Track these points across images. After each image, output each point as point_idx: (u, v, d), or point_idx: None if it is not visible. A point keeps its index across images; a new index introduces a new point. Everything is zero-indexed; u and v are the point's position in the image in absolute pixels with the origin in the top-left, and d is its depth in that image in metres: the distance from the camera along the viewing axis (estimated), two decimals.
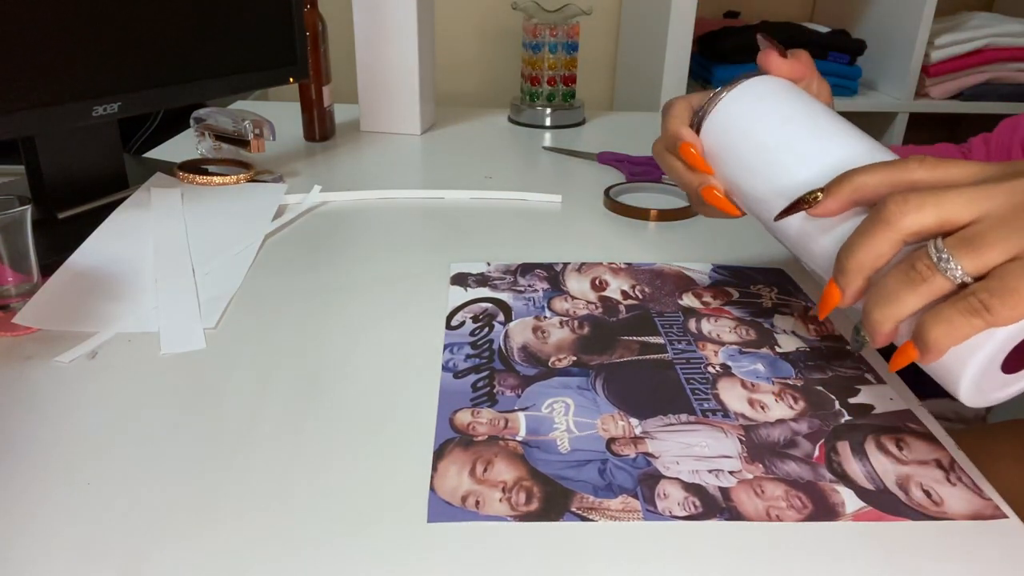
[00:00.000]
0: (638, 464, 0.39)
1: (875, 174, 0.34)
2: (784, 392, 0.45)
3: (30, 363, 0.47)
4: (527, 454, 0.39)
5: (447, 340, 0.49)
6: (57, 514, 0.34)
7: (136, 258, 0.60)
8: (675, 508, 0.36)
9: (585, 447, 0.40)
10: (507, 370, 0.46)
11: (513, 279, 0.58)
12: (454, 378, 0.45)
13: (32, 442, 0.39)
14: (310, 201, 0.75)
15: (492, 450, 0.39)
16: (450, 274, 0.59)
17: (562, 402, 0.43)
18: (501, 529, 0.34)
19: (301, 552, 0.33)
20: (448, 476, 0.37)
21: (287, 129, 1.02)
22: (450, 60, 1.63)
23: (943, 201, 0.31)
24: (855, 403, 0.44)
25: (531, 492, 0.36)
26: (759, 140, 0.45)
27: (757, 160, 0.45)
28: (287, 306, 0.54)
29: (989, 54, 1.40)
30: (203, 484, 0.37)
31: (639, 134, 1.08)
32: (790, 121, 0.45)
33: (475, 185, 0.82)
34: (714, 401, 0.44)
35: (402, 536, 0.34)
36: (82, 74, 0.63)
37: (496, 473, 0.37)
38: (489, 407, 0.43)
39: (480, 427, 0.41)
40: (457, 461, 0.38)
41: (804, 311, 0.55)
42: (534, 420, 0.42)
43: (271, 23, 0.81)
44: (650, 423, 0.42)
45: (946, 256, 0.31)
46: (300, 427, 0.41)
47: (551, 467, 0.38)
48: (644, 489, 0.37)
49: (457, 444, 0.39)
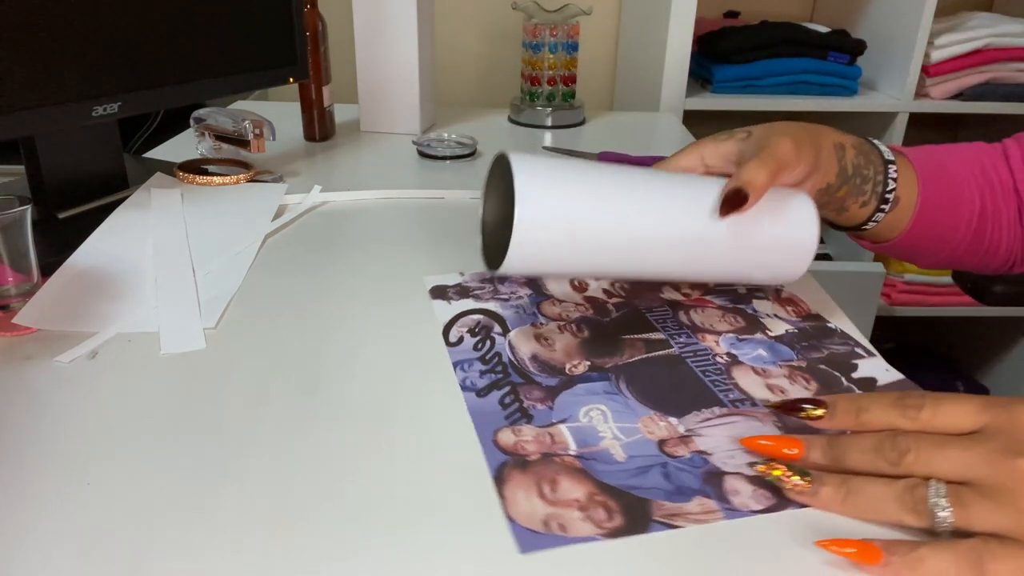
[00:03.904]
0: (695, 463, 0.38)
1: (881, 414, 0.36)
2: (794, 375, 0.46)
3: (30, 363, 0.47)
4: (587, 468, 0.38)
5: (453, 358, 0.47)
6: (57, 514, 0.34)
7: (136, 258, 0.60)
8: (750, 503, 0.36)
9: (639, 453, 0.39)
10: (527, 382, 0.45)
11: (493, 287, 0.57)
12: (477, 397, 0.43)
13: (32, 442, 0.39)
14: (310, 201, 0.75)
15: (551, 468, 0.37)
16: (427, 288, 0.57)
17: (597, 409, 0.42)
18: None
19: (305, 553, 0.33)
20: (519, 502, 0.35)
21: (287, 129, 1.02)
22: (450, 60, 1.63)
23: (934, 464, 0.33)
24: (859, 378, 0.46)
25: (608, 507, 0.35)
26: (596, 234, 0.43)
27: (613, 245, 0.43)
28: (287, 306, 0.54)
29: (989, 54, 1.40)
30: (203, 484, 0.37)
31: (639, 134, 1.08)
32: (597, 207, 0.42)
33: (475, 185, 0.82)
34: (737, 391, 0.44)
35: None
36: (82, 74, 0.63)
37: (565, 492, 0.36)
38: (527, 423, 0.41)
39: (528, 445, 0.39)
40: (521, 485, 0.36)
41: (777, 294, 0.56)
42: (579, 432, 0.40)
43: (271, 23, 0.81)
44: (689, 420, 0.42)
45: (944, 504, 0.32)
46: (300, 427, 0.41)
47: (616, 478, 0.37)
48: (712, 487, 0.37)
49: (513, 466, 0.37)
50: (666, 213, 0.44)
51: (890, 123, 1.42)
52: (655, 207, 0.44)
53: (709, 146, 0.51)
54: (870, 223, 0.54)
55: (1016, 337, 1.67)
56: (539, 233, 0.41)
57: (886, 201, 0.53)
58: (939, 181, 0.55)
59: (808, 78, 1.40)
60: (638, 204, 0.43)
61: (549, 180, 0.41)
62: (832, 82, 1.41)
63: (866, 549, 0.31)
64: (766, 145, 0.47)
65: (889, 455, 0.34)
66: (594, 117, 1.17)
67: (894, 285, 1.57)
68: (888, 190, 0.53)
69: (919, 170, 0.54)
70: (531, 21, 1.07)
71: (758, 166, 0.45)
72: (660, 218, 0.44)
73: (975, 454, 0.32)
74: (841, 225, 0.56)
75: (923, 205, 0.54)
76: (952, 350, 1.84)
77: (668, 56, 1.31)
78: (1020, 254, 0.58)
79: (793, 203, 0.48)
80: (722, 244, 0.45)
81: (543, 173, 0.41)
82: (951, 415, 0.34)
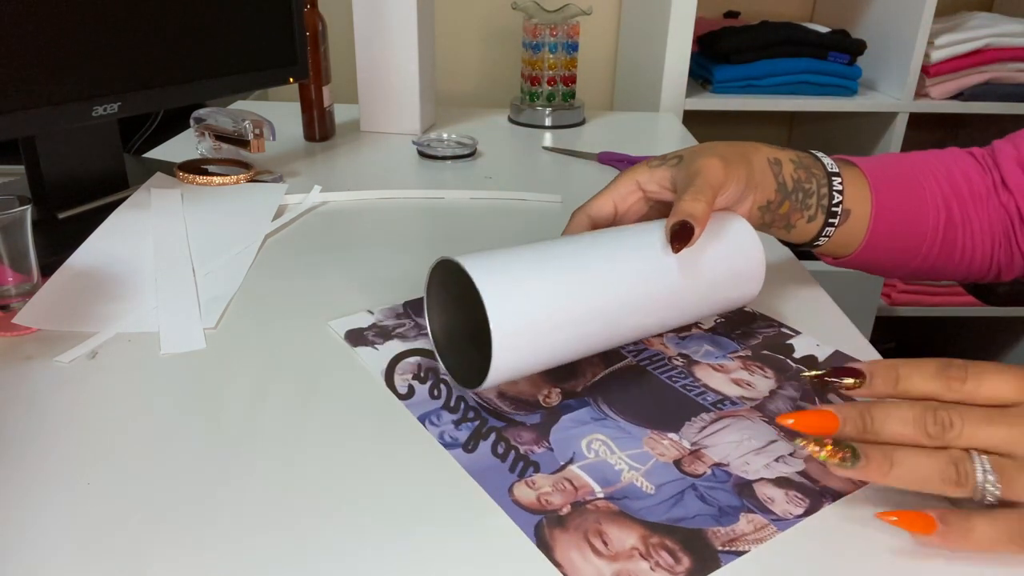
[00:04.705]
0: (720, 479, 0.38)
1: (922, 382, 0.35)
2: (749, 365, 0.48)
3: (30, 363, 0.47)
4: (624, 508, 0.36)
5: (416, 413, 0.42)
6: (57, 514, 0.34)
7: (136, 258, 0.60)
8: (790, 508, 0.36)
9: (664, 479, 0.38)
10: (510, 424, 0.42)
11: (412, 322, 0.52)
12: (466, 452, 0.39)
13: (32, 442, 0.39)
14: (310, 201, 0.75)
15: (590, 519, 0.35)
16: (340, 334, 0.50)
17: (598, 440, 0.41)
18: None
19: (305, 553, 0.33)
20: (579, 566, 0.32)
21: (287, 129, 1.02)
22: (450, 60, 1.63)
23: (979, 438, 0.33)
24: (800, 357, 0.49)
25: (668, 547, 0.33)
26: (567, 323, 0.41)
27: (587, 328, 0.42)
28: (287, 306, 0.54)
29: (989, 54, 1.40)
30: (203, 484, 0.37)
31: (639, 134, 1.08)
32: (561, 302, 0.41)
33: (475, 185, 0.82)
34: (711, 392, 0.45)
35: None
36: (82, 74, 0.63)
37: (618, 542, 0.34)
38: (536, 472, 0.38)
39: (552, 498, 0.36)
40: (570, 545, 0.33)
41: None
42: (594, 470, 0.38)
43: (271, 23, 0.81)
44: (687, 433, 0.41)
45: (992, 479, 0.32)
46: (300, 428, 0.41)
47: (657, 514, 0.35)
48: (750, 501, 0.36)
49: (550, 525, 0.35)
50: (627, 271, 0.44)
51: (890, 123, 1.42)
52: (617, 274, 0.43)
53: (644, 173, 0.51)
54: (821, 238, 0.53)
55: (1017, 337, 1.67)
56: (516, 339, 0.39)
57: (834, 215, 0.52)
58: (896, 191, 0.54)
59: (808, 78, 1.40)
60: (600, 275, 0.43)
61: (509, 280, 0.40)
62: (832, 82, 1.41)
63: (920, 520, 0.32)
64: (697, 171, 0.47)
65: (931, 428, 0.33)
66: (594, 117, 1.17)
67: (894, 285, 1.57)
68: (835, 203, 0.52)
69: (872, 181, 0.53)
70: (531, 21, 1.07)
71: (695, 196, 0.45)
72: (624, 278, 0.43)
73: (1021, 430, 0.32)
74: (794, 243, 0.55)
75: (878, 216, 0.53)
76: (953, 350, 1.84)
77: (668, 56, 1.31)
78: (1007, 260, 0.57)
79: (733, 227, 0.49)
80: (685, 287, 0.46)
81: (500, 272, 0.40)
82: (995, 387, 0.34)
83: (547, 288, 0.40)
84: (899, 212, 0.54)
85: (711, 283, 0.48)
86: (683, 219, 0.45)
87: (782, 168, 0.51)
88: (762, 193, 0.50)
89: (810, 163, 0.52)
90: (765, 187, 0.50)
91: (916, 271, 0.58)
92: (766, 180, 0.50)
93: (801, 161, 0.52)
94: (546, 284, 0.40)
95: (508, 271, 0.40)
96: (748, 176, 0.49)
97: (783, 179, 0.51)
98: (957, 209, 0.55)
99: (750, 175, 0.49)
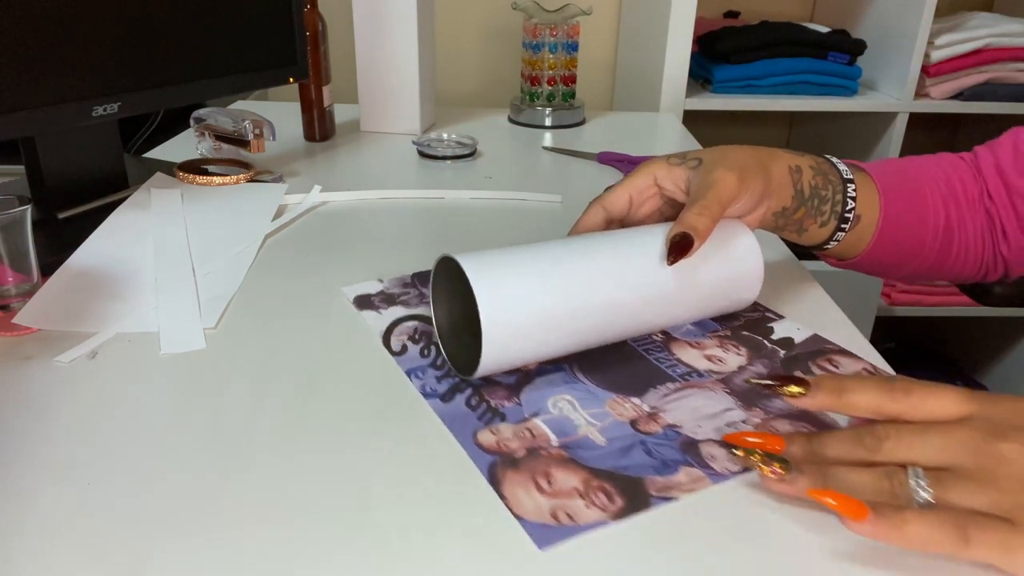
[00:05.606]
0: (670, 437, 0.41)
1: (866, 396, 0.35)
2: (724, 343, 0.50)
3: (30, 363, 0.47)
4: (574, 456, 0.39)
5: (404, 367, 0.46)
6: (57, 514, 0.34)
7: (136, 258, 0.60)
8: (729, 466, 0.38)
9: (617, 435, 0.41)
10: (487, 383, 0.45)
11: (417, 291, 0.56)
12: (443, 403, 0.43)
13: (32, 442, 0.39)
14: (310, 201, 0.75)
15: (541, 462, 0.38)
16: (349, 299, 0.55)
17: (564, 399, 0.44)
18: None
19: (305, 552, 0.33)
20: (521, 499, 0.36)
21: (287, 129, 1.02)
22: (450, 60, 1.63)
23: (915, 449, 0.33)
24: (778, 339, 0.51)
25: (606, 490, 0.37)
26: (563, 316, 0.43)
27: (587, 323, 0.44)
28: (287, 306, 0.54)
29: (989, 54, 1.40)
30: (203, 484, 0.37)
31: (639, 134, 1.08)
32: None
33: (475, 185, 0.82)
34: (682, 365, 0.47)
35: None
36: (82, 74, 0.63)
37: (562, 482, 0.37)
38: (502, 422, 0.41)
39: (511, 443, 0.40)
40: (517, 482, 0.37)
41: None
42: (555, 423, 0.41)
43: (271, 23, 0.81)
44: (650, 398, 0.44)
45: (924, 485, 0.32)
46: (300, 427, 0.41)
47: (603, 461, 0.39)
48: (693, 457, 0.39)
49: (504, 465, 0.38)
50: (621, 279, 0.45)
51: (890, 123, 1.42)
52: (610, 279, 0.45)
53: (663, 169, 0.52)
54: (831, 242, 0.54)
55: (1016, 337, 1.67)
56: (507, 336, 0.42)
57: (846, 220, 0.53)
58: (901, 196, 0.55)
59: (808, 78, 1.40)
60: (593, 280, 0.44)
61: (504, 280, 0.42)
62: (832, 82, 1.41)
63: (853, 505, 0.31)
64: (710, 184, 0.47)
65: (868, 442, 0.34)
66: (594, 117, 1.17)
67: (894, 285, 1.57)
68: (848, 209, 0.53)
69: (881, 187, 0.54)
70: (531, 21, 1.07)
71: (701, 211, 0.46)
72: (617, 287, 0.45)
73: (956, 439, 0.33)
74: (803, 245, 0.56)
75: (885, 222, 0.54)
76: (952, 350, 1.84)
77: (668, 56, 1.31)
78: (992, 262, 0.58)
79: (736, 239, 0.49)
80: (679, 292, 0.47)
81: (496, 273, 0.42)
82: (937, 402, 0.34)
83: (539, 289, 0.42)
84: (904, 217, 0.55)
85: (705, 295, 0.49)
86: (685, 231, 0.45)
87: (802, 175, 0.52)
88: (778, 200, 0.51)
89: (827, 169, 0.53)
90: (782, 195, 0.51)
91: (913, 273, 0.59)
92: (784, 188, 0.51)
93: (819, 167, 0.53)
94: (538, 285, 0.42)
95: (503, 272, 0.42)
96: (764, 187, 0.49)
97: (801, 186, 0.51)
98: (955, 214, 0.56)
99: (767, 185, 0.50)
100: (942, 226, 0.56)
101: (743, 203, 0.49)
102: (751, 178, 0.49)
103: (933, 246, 0.56)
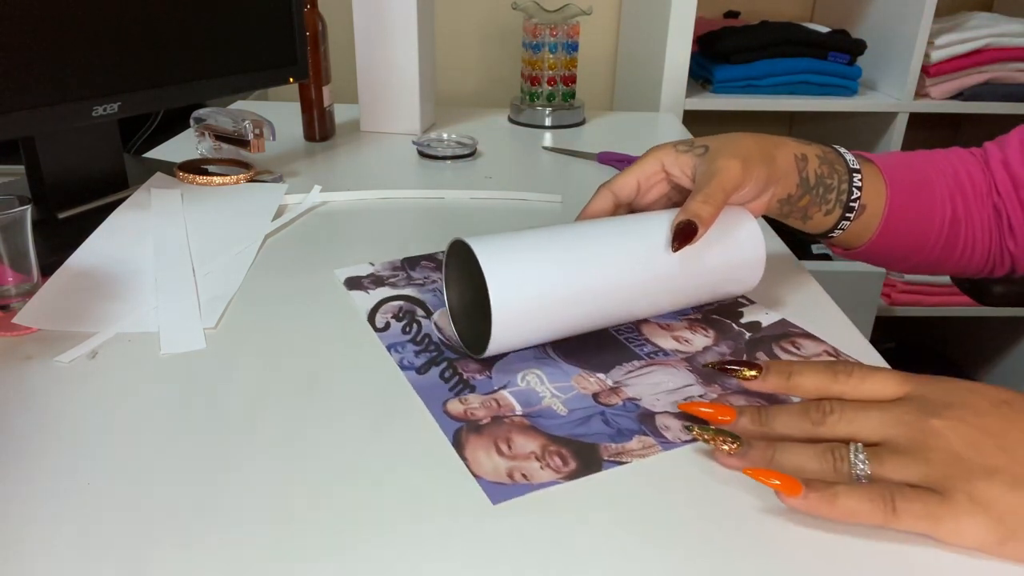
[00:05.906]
0: (629, 409, 0.43)
1: (812, 377, 0.38)
2: (694, 326, 0.52)
3: (30, 363, 0.47)
4: (536, 424, 0.41)
5: (385, 342, 0.49)
6: (57, 514, 0.34)
7: (136, 258, 0.60)
8: (681, 435, 0.41)
9: (578, 406, 0.43)
10: (462, 357, 0.48)
11: (406, 274, 0.59)
12: (418, 375, 0.46)
13: (32, 442, 0.39)
14: (310, 201, 0.75)
15: (503, 428, 0.41)
16: (340, 280, 0.58)
17: (532, 373, 0.46)
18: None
19: (304, 551, 0.33)
20: (481, 461, 0.38)
21: (287, 129, 1.02)
22: (450, 60, 1.63)
23: (856, 423, 0.36)
24: (746, 322, 0.53)
25: (562, 455, 0.39)
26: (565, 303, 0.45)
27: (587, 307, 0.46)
28: (287, 306, 0.54)
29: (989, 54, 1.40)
30: (203, 484, 0.37)
31: (639, 134, 1.08)
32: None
33: (475, 185, 0.82)
34: (649, 345, 0.49)
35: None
36: (82, 74, 0.63)
37: (521, 447, 0.40)
38: (471, 392, 0.44)
39: (477, 412, 0.42)
40: (479, 446, 0.40)
41: None
42: (520, 395, 0.44)
43: (271, 23, 0.81)
44: (615, 374, 0.46)
45: (863, 459, 0.35)
46: (300, 427, 0.41)
47: (562, 429, 0.41)
48: (647, 427, 0.41)
49: (468, 431, 0.41)
50: (627, 264, 0.47)
51: (890, 123, 1.42)
52: (616, 263, 0.47)
53: (670, 155, 0.52)
54: (836, 230, 0.55)
55: (1016, 337, 1.67)
56: (516, 317, 0.44)
57: (851, 209, 0.54)
58: (909, 188, 0.55)
59: (808, 78, 1.40)
60: (600, 264, 0.46)
61: (514, 265, 0.44)
62: (832, 82, 1.41)
63: (788, 482, 0.34)
64: (715, 172, 0.48)
65: (813, 415, 0.37)
66: (594, 117, 1.17)
67: (894, 285, 1.57)
68: (853, 198, 0.53)
69: (888, 178, 0.55)
70: (531, 21, 1.07)
71: (706, 199, 0.47)
72: (623, 271, 0.47)
73: (892, 415, 0.35)
74: (808, 232, 0.56)
75: (891, 212, 0.55)
76: (952, 350, 1.84)
77: (668, 56, 1.31)
78: (999, 256, 0.59)
79: (740, 226, 0.51)
80: (682, 277, 0.49)
81: (506, 257, 0.44)
82: (877, 383, 0.37)
83: (549, 271, 0.44)
84: (910, 209, 0.55)
85: (708, 280, 0.50)
86: (689, 219, 0.46)
87: (808, 164, 0.52)
88: (783, 187, 0.51)
89: (833, 158, 0.54)
90: (787, 182, 0.51)
91: (919, 264, 0.59)
92: (789, 176, 0.51)
93: (826, 156, 0.53)
94: (548, 268, 0.44)
95: (513, 256, 0.44)
96: (769, 175, 0.50)
97: (807, 174, 0.52)
98: (961, 206, 0.57)
99: (771, 173, 0.50)
100: (948, 219, 0.56)
101: (747, 190, 0.50)
102: (755, 166, 0.49)
103: (939, 238, 0.57)
